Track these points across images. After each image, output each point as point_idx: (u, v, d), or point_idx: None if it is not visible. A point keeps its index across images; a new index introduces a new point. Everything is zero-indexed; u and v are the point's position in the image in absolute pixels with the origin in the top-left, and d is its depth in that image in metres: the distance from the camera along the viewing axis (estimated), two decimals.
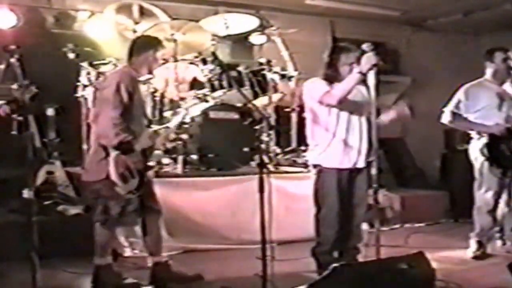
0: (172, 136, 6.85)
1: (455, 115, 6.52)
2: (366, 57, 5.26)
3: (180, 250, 6.63)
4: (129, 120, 5.24)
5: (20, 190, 4.78)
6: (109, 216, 5.32)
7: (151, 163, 5.55)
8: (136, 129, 5.31)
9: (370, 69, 5.18)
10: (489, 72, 6.54)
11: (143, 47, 5.53)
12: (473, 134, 6.52)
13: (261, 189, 4.64)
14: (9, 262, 5.35)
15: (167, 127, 5.78)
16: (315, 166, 5.72)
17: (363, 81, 5.32)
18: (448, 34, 11.70)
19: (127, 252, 6.53)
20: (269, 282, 4.64)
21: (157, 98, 7.60)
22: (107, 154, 5.17)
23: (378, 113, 5.41)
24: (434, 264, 4.76)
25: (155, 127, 5.68)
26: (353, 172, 5.60)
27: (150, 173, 5.65)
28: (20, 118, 4.13)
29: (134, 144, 5.22)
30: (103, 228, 5.38)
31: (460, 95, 6.54)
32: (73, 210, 6.80)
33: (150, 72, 5.60)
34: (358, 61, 5.38)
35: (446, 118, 6.58)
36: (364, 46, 5.31)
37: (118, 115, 5.12)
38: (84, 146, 7.62)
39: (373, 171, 5.22)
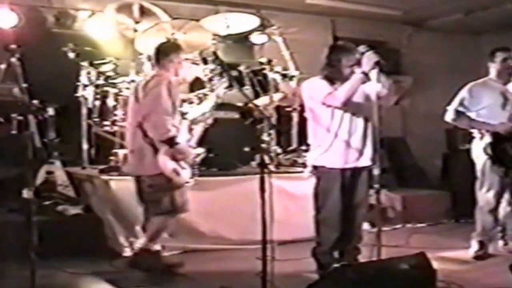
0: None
1: (458, 113, 6.50)
2: (366, 56, 5.27)
3: (180, 250, 6.64)
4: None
5: (19, 190, 4.81)
6: (175, 205, 5.80)
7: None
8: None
9: (372, 68, 5.18)
10: (493, 71, 6.53)
11: (166, 52, 5.96)
12: (475, 133, 6.50)
13: (262, 189, 4.62)
14: (8, 262, 5.32)
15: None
16: (316, 167, 5.69)
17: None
18: (449, 34, 11.69)
19: (127, 252, 6.50)
20: (269, 283, 4.61)
21: None
22: (157, 150, 5.67)
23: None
24: (435, 265, 4.75)
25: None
26: (355, 172, 5.58)
27: None
28: (20, 117, 4.12)
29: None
30: (165, 218, 5.87)
31: (464, 93, 6.52)
32: (73, 210, 6.79)
33: (177, 75, 6.00)
34: (358, 63, 5.38)
35: (449, 116, 6.55)
36: (361, 48, 5.32)
37: (168, 114, 5.62)
38: (84, 146, 7.62)
39: (375, 171, 5.22)
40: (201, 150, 6.31)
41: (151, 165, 5.75)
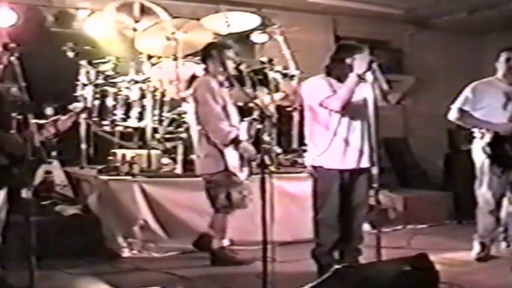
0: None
1: (462, 112, 6.46)
2: (359, 58, 5.25)
3: (179, 251, 6.61)
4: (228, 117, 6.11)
5: (18, 190, 4.76)
6: (231, 202, 6.10)
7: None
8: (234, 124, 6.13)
9: (367, 69, 5.16)
10: (499, 71, 6.50)
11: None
12: (475, 133, 6.46)
13: (263, 190, 4.58)
14: (7, 263, 5.27)
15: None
16: (314, 167, 5.65)
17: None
18: (452, 33, 11.64)
19: (126, 253, 6.47)
20: (269, 284, 4.57)
21: (157, 98, 7.57)
22: (219, 149, 6.03)
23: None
24: (437, 266, 4.70)
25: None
26: (355, 172, 5.54)
27: None
28: (20, 117, 4.08)
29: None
30: (223, 214, 6.18)
31: (467, 92, 6.48)
32: (71, 210, 6.76)
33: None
34: (350, 66, 5.38)
35: (453, 115, 6.51)
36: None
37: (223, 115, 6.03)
38: (83, 146, 7.59)
39: (374, 170, 5.19)
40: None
41: (212, 164, 6.10)
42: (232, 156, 6.03)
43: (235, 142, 6.01)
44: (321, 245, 5.62)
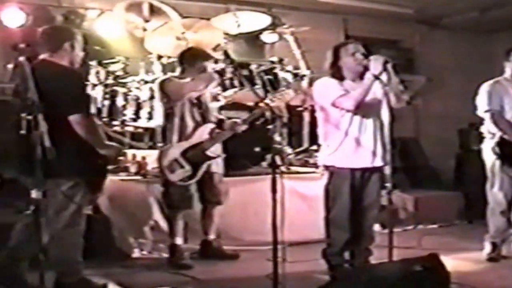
0: None
1: (496, 113, 6.39)
2: (373, 59, 5.22)
3: (190, 251, 6.57)
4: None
5: (28, 190, 4.76)
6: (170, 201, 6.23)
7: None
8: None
9: (382, 69, 5.14)
10: (507, 71, 6.45)
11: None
12: (485, 133, 6.43)
13: (274, 190, 4.57)
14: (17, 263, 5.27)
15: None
16: (326, 167, 5.63)
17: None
18: (463, 32, 11.60)
19: (136, 253, 6.49)
20: (279, 284, 4.57)
21: None
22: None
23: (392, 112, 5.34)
24: (448, 266, 4.67)
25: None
26: (366, 172, 5.52)
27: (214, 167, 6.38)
28: (29, 117, 4.07)
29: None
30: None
31: (488, 91, 6.41)
32: None
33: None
34: (354, 54, 5.38)
35: (489, 117, 6.41)
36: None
37: None
38: None
39: (386, 171, 5.16)
40: (217, 154, 6.41)
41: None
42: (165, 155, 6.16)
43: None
44: (332, 245, 5.60)
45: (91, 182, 5.03)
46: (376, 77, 5.20)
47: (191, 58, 6.36)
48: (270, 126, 4.89)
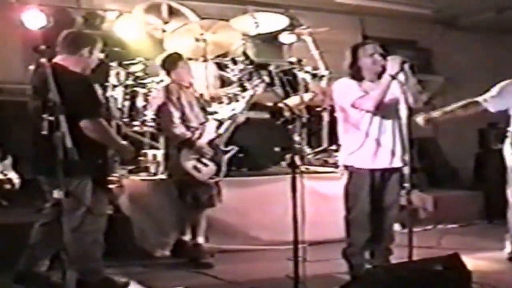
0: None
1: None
2: (390, 59, 5.22)
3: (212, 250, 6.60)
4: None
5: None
6: (199, 202, 6.26)
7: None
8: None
9: (399, 69, 5.14)
10: None
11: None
12: (509, 132, 6.41)
13: (294, 189, 4.58)
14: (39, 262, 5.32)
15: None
16: (346, 166, 5.64)
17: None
18: (481, 32, 11.55)
19: (157, 253, 6.51)
20: (300, 284, 4.58)
21: None
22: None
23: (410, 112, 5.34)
24: (468, 266, 4.67)
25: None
26: (386, 172, 5.52)
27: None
28: (51, 118, 4.12)
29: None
30: (194, 212, 6.37)
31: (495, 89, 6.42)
32: None
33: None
34: (372, 55, 5.38)
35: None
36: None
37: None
38: None
39: (406, 170, 5.17)
40: (232, 147, 6.45)
41: (175, 165, 6.32)
42: (185, 157, 6.22)
43: (188, 143, 6.26)
44: (352, 245, 5.61)
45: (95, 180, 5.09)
46: (393, 77, 5.21)
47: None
48: (289, 126, 4.91)
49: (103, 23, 8.69)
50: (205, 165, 6.26)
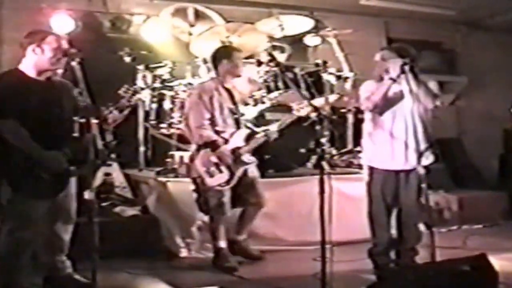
0: None
1: None
2: (392, 62, 5.29)
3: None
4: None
5: (80, 191, 4.89)
6: (208, 207, 6.17)
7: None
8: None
9: (400, 72, 5.20)
10: None
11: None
12: None
13: (321, 190, 4.63)
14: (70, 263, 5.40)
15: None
16: (368, 167, 5.71)
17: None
18: (505, 33, 11.51)
19: (183, 253, 6.59)
20: (327, 284, 4.60)
21: None
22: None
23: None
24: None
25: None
26: (404, 172, 5.57)
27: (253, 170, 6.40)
28: (82, 120, 4.19)
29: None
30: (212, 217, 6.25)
31: None
32: (130, 211, 6.87)
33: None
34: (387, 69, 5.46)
35: None
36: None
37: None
38: (141, 148, 7.70)
39: (422, 170, 5.23)
40: (253, 160, 6.38)
41: (192, 168, 6.27)
42: (202, 158, 6.12)
43: (212, 146, 6.10)
44: (377, 245, 5.66)
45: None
46: (394, 80, 5.28)
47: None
48: (315, 128, 4.96)
49: (130, 27, 8.79)
50: (220, 171, 6.07)
